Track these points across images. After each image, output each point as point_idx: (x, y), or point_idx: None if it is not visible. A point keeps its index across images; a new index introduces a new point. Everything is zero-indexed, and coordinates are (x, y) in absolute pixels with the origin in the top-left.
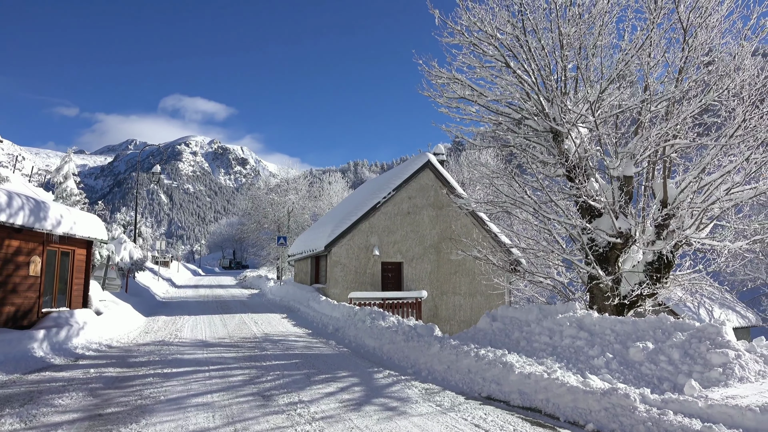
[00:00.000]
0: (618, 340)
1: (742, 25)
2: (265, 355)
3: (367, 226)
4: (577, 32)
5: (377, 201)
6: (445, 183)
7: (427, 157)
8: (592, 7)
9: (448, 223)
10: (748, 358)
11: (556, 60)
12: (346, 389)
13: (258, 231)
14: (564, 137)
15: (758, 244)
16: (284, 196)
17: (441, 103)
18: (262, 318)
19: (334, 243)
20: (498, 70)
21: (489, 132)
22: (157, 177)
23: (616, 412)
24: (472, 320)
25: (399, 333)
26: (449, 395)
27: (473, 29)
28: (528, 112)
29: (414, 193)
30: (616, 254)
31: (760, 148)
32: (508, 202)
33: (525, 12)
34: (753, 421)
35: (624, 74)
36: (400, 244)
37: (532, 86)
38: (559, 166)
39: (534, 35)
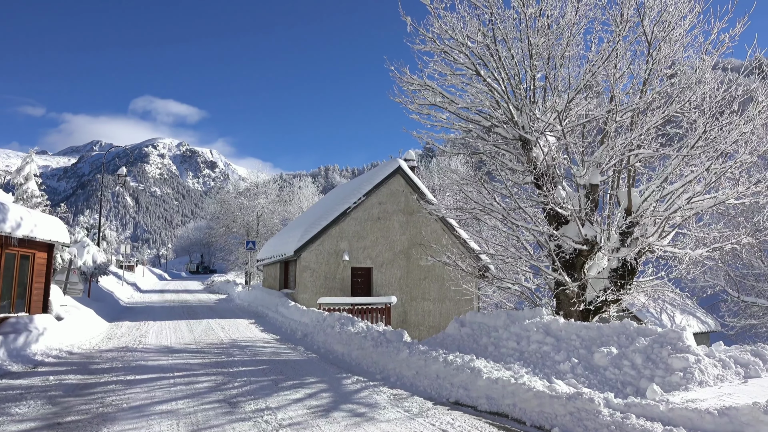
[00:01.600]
0: (583, 345)
1: (703, 39)
2: (232, 361)
3: (337, 231)
4: (546, 43)
5: (348, 206)
6: (416, 189)
7: (398, 162)
8: (560, 18)
9: (418, 228)
10: (707, 362)
11: (526, 69)
12: (314, 395)
13: (226, 235)
14: (532, 145)
15: (717, 252)
16: (254, 200)
17: (412, 109)
18: (229, 323)
19: (303, 248)
20: (469, 78)
21: (459, 139)
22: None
23: (581, 416)
24: (441, 326)
25: (368, 339)
26: (417, 401)
27: (444, 37)
28: (498, 120)
29: (384, 199)
30: (582, 261)
31: (720, 158)
32: (477, 209)
33: (495, 21)
34: (711, 423)
35: (591, 85)
36: (370, 250)
37: (502, 95)
38: (527, 174)
39: (504, 44)
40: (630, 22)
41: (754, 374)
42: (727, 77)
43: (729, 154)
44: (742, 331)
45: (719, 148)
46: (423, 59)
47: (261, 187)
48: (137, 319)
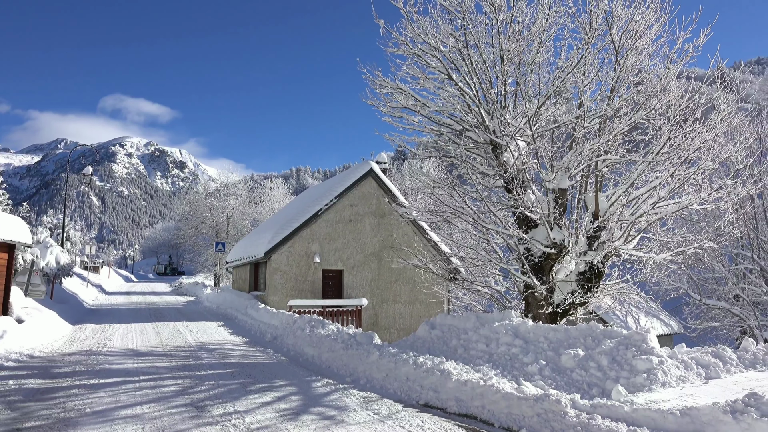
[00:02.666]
0: (551, 347)
1: (669, 49)
2: (199, 365)
3: (308, 233)
4: (517, 48)
5: (319, 208)
6: (388, 191)
7: (370, 165)
8: (531, 25)
9: (389, 231)
10: (670, 364)
11: (497, 74)
12: (284, 398)
13: (195, 236)
14: (503, 150)
15: (680, 256)
16: (224, 201)
17: (384, 112)
18: (197, 326)
19: (274, 250)
20: (441, 81)
21: (431, 142)
22: (89, 179)
23: (548, 418)
24: (412, 328)
25: (338, 341)
26: (387, 403)
27: (417, 40)
28: (469, 124)
29: (356, 201)
30: (551, 264)
31: (684, 165)
32: (448, 212)
33: (468, 26)
34: (674, 423)
35: (560, 91)
36: (342, 252)
37: (474, 99)
38: (498, 178)
39: (476, 49)
40: (598, 30)
41: (715, 375)
42: (690, 86)
43: (692, 161)
44: (704, 333)
45: (683, 154)
46: (396, 62)
47: (231, 188)
48: (102, 322)
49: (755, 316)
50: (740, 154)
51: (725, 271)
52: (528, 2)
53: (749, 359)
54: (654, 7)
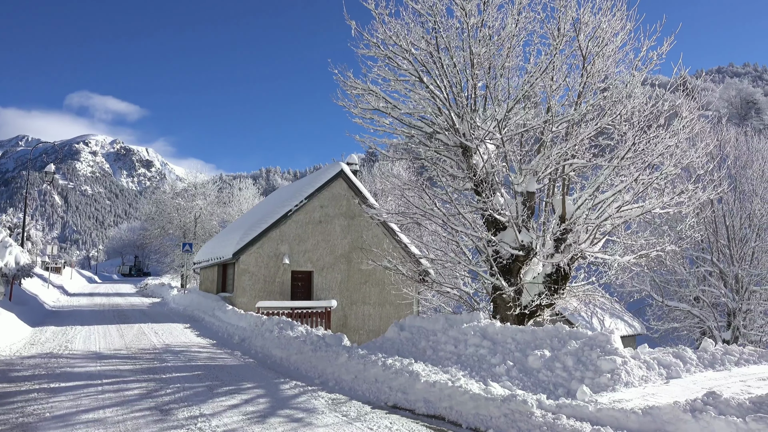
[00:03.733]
0: (518, 348)
1: (634, 56)
2: (165, 367)
3: (277, 234)
4: (487, 53)
5: (289, 209)
6: (358, 193)
7: (341, 166)
8: (501, 29)
9: (359, 232)
10: (633, 364)
11: (467, 78)
12: (251, 401)
13: (162, 237)
14: (473, 152)
15: (644, 259)
16: (191, 201)
17: (355, 113)
18: (163, 328)
19: (242, 251)
20: (412, 84)
21: (402, 144)
22: (51, 177)
23: (514, 418)
24: (381, 330)
25: (307, 343)
26: (356, 405)
27: (389, 43)
28: (439, 127)
29: (326, 202)
30: (519, 266)
31: (647, 170)
32: (418, 214)
33: (439, 29)
34: (636, 423)
35: (529, 95)
36: (311, 253)
37: (444, 102)
38: (467, 180)
39: (447, 53)
40: (566, 36)
41: (675, 375)
42: (654, 93)
43: (655, 166)
44: (666, 333)
45: (647, 159)
46: (367, 64)
47: (199, 187)
48: (64, 324)
49: (714, 317)
50: (701, 159)
51: (686, 273)
52: (498, 7)
53: (708, 359)
54: (620, 15)
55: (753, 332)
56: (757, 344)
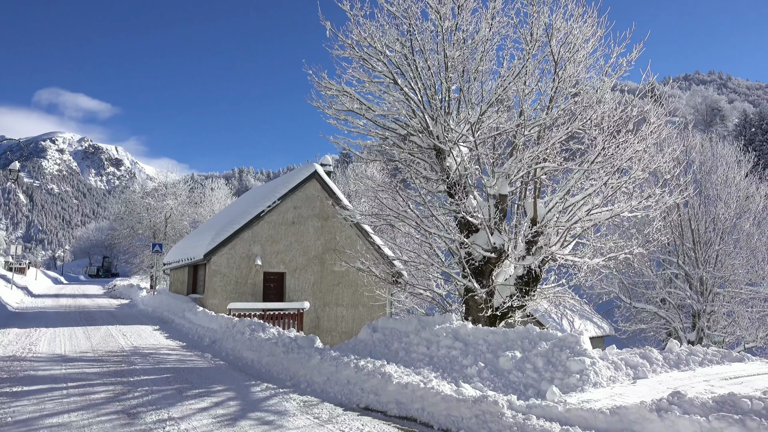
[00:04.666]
0: (490, 349)
1: (604, 62)
2: (133, 370)
3: (250, 235)
4: (461, 56)
5: (262, 210)
6: (332, 194)
7: (314, 167)
8: (475, 33)
9: (333, 234)
10: (601, 365)
11: (441, 81)
12: (221, 404)
13: (131, 237)
14: (446, 155)
15: (612, 261)
16: (162, 200)
17: (329, 114)
18: (131, 330)
19: (214, 251)
20: (386, 86)
21: (376, 146)
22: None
23: (485, 419)
24: (354, 331)
25: (279, 345)
26: (328, 407)
27: (363, 44)
28: (413, 129)
29: (300, 203)
30: (491, 268)
31: (616, 174)
32: (391, 216)
33: (413, 32)
34: (604, 422)
35: (502, 99)
36: (284, 254)
37: (418, 104)
38: (441, 183)
39: (421, 55)
40: (539, 41)
41: (642, 375)
42: (624, 98)
43: (624, 170)
44: (633, 334)
45: (616, 164)
46: (342, 65)
47: (170, 187)
48: (28, 326)
49: (680, 318)
50: (668, 164)
51: (653, 275)
52: (472, 11)
53: (674, 359)
54: (591, 21)
55: (716, 333)
56: (721, 345)
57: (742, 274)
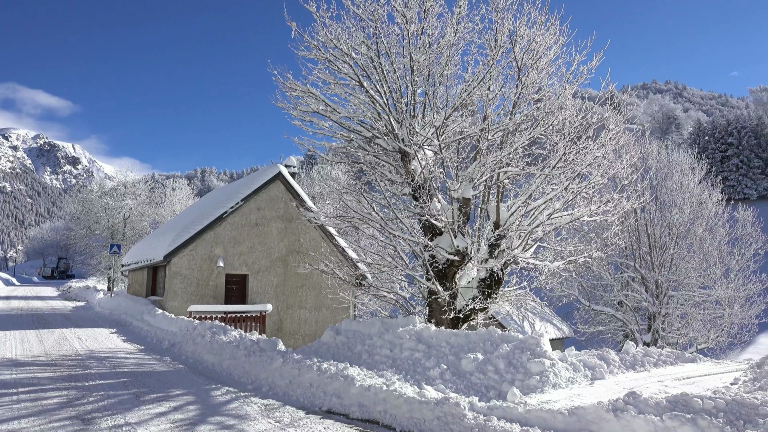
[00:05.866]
0: (452, 351)
1: (566, 69)
2: (88, 374)
3: (212, 237)
4: (427, 60)
5: (224, 211)
6: (296, 196)
7: (279, 168)
8: (440, 38)
9: (296, 236)
10: (560, 366)
11: (407, 84)
12: (180, 408)
13: (88, 237)
14: (411, 158)
15: (572, 264)
16: (121, 200)
17: (294, 115)
18: (87, 333)
19: (174, 253)
20: (352, 88)
21: (341, 148)
22: None
23: (447, 421)
24: (317, 334)
25: (241, 348)
26: (290, 410)
27: (329, 46)
28: (379, 132)
29: (263, 205)
30: (454, 271)
31: (577, 179)
32: (356, 218)
33: (380, 35)
34: (562, 423)
35: (467, 103)
36: (247, 256)
37: (384, 107)
38: (405, 185)
39: (387, 58)
40: (503, 47)
41: (600, 376)
42: (584, 105)
43: (584, 176)
44: (592, 336)
45: (576, 169)
46: (307, 66)
47: (130, 187)
48: None
49: (636, 320)
50: (626, 170)
51: (611, 279)
52: (438, 16)
53: (630, 361)
54: (553, 29)
55: (671, 335)
56: (674, 346)
57: (695, 278)
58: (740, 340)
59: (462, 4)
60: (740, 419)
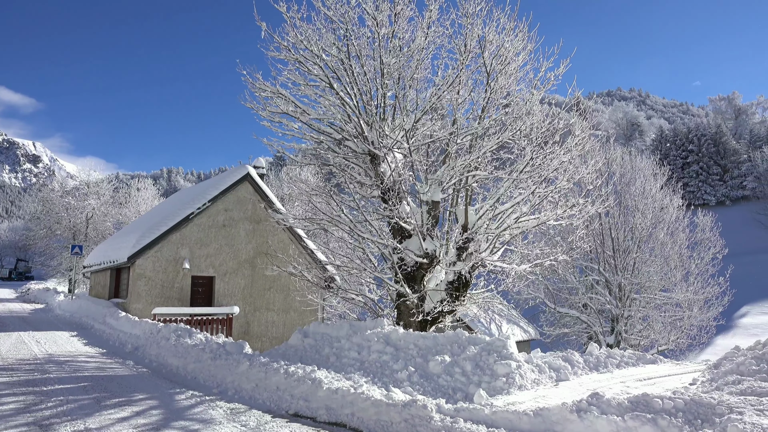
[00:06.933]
0: (420, 354)
1: (534, 75)
2: (46, 379)
3: (177, 238)
4: (397, 63)
5: (191, 211)
6: (264, 197)
7: (247, 169)
8: (411, 42)
9: (264, 237)
10: (526, 368)
11: (377, 87)
12: (143, 413)
13: (48, 238)
14: (381, 161)
15: (539, 267)
16: (83, 200)
17: (264, 116)
18: (46, 336)
19: (139, 254)
20: (322, 89)
21: (310, 149)
22: None
23: (414, 423)
24: (285, 337)
25: (206, 351)
26: (256, 414)
27: (300, 47)
28: (349, 134)
29: (231, 206)
30: (423, 273)
31: (543, 183)
32: (325, 220)
33: (350, 37)
34: (528, 424)
35: (436, 107)
36: (213, 258)
37: (354, 109)
38: (375, 188)
39: (358, 61)
40: (472, 52)
41: (564, 377)
42: (551, 111)
43: (551, 180)
44: (557, 338)
45: (543, 174)
46: (277, 67)
47: (93, 186)
48: None
49: (600, 323)
50: (591, 175)
51: (576, 282)
52: (409, 20)
53: (593, 362)
54: (522, 36)
55: (633, 336)
56: (636, 348)
57: (656, 281)
58: (699, 341)
59: (432, 9)
60: (698, 418)
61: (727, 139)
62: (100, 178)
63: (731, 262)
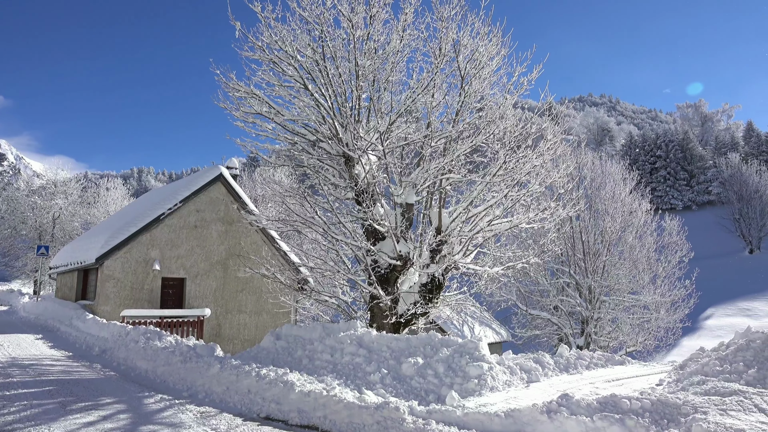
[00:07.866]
0: (393, 356)
1: (507, 80)
2: (9, 383)
3: (148, 239)
4: (372, 66)
5: (162, 212)
6: (237, 198)
7: (220, 170)
8: (386, 44)
9: (237, 239)
10: (498, 370)
11: (352, 89)
12: (110, 417)
13: (13, 238)
14: (355, 163)
15: (511, 270)
16: (50, 200)
17: (237, 116)
18: (9, 339)
19: (107, 255)
20: (296, 90)
21: (284, 150)
22: None
23: (387, 425)
24: (257, 339)
25: (176, 354)
26: (226, 418)
27: (274, 47)
28: (323, 135)
29: (203, 207)
30: (396, 276)
31: (516, 187)
32: (299, 222)
33: (325, 39)
34: (499, 425)
35: (411, 110)
36: (185, 259)
37: (328, 111)
38: (349, 190)
39: (332, 62)
40: (447, 56)
41: (535, 379)
42: (524, 116)
43: (523, 184)
44: (529, 340)
45: (516, 177)
46: (251, 67)
47: (60, 185)
48: None
49: (570, 325)
50: (562, 179)
51: (547, 284)
52: (384, 22)
53: (564, 364)
54: (496, 41)
55: (602, 338)
56: (605, 349)
57: (625, 284)
58: (666, 343)
59: (408, 12)
60: (664, 418)
61: (694, 146)
62: (68, 177)
63: (697, 266)
